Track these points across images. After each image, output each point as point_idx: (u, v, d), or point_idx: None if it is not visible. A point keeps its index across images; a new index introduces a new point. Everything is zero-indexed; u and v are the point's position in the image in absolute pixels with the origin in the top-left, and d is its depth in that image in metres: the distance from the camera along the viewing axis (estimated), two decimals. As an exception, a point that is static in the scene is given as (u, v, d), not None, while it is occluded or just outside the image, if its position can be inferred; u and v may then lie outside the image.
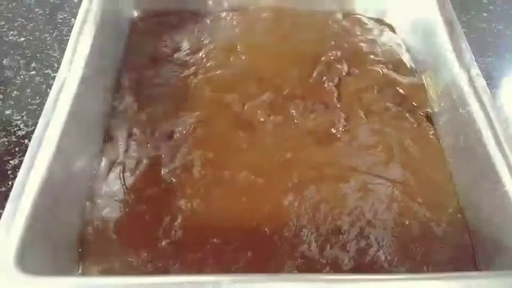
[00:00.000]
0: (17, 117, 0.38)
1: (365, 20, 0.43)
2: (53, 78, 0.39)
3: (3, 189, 0.33)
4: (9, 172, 0.34)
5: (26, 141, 0.36)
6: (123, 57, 0.39)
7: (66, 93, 0.29)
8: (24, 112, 0.38)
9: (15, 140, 0.36)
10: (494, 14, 0.49)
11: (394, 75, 0.38)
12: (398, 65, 0.39)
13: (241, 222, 0.29)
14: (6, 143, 0.36)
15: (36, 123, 0.32)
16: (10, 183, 0.33)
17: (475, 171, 0.30)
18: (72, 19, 0.46)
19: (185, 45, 0.39)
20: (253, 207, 0.30)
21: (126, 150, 0.33)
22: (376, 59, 0.39)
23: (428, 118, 0.36)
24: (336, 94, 0.36)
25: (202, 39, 0.40)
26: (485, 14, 0.48)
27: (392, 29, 0.43)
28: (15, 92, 0.40)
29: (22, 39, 0.45)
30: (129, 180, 0.31)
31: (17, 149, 0.36)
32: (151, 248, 0.28)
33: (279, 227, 0.29)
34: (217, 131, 0.34)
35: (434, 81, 0.36)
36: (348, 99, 0.36)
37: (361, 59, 0.39)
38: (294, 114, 0.35)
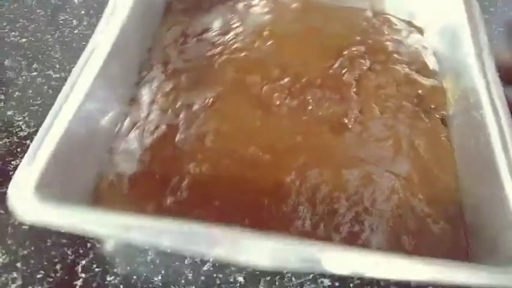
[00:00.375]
0: (19, 118, 0.38)
1: (394, 20, 0.43)
2: (55, 79, 0.41)
3: (5, 189, 0.33)
4: (11, 173, 0.35)
5: (28, 142, 0.36)
6: (155, 33, 0.41)
7: (99, 53, 0.32)
8: (26, 113, 0.39)
9: (17, 140, 0.37)
10: (495, 16, 0.49)
11: (415, 75, 0.38)
12: (421, 67, 0.39)
13: (243, 192, 0.31)
14: (8, 143, 0.37)
15: (39, 124, 0.33)
16: None
17: (480, 173, 0.31)
18: (74, 20, 0.47)
19: (215, 26, 0.41)
20: (256, 180, 0.31)
21: (148, 115, 0.35)
22: (400, 58, 0.40)
23: (443, 121, 0.36)
24: (354, 87, 0.37)
25: (232, 22, 0.42)
26: (486, 16, 0.47)
27: (421, 32, 0.43)
28: (16, 93, 0.40)
29: (23, 40, 0.45)
30: (147, 141, 0.33)
31: (18, 149, 0.36)
32: (157, 205, 0.30)
33: (278, 201, 0.30)
34: (234, 108, 0.35)
35: (454, 85, 0.36)
36: (365, 93, 0.37)
37: (385, 57, 0.39)
38: (310, 101, 0.36)
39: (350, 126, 0.35)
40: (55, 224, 0.24)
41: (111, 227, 0.24)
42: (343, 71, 0.38)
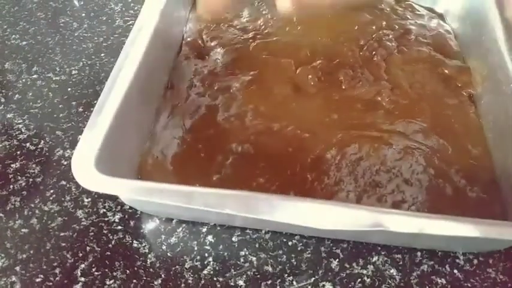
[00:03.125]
0: (19, 121, 0.38)
1: (416, 6, 0.45)
2: (55, 81, 0.41)
3: (5, 192, 0.33)
4: (10, 176, 0.34)
5: (28, 144, 0.36)
6: (188, 21, 0.42)
7: (140, 42, 0.33)
8: (26, 116, 0.38)
9: (16, 143, 0.36)
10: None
11: (440, 56, 0.40)
12: (445, 49, 0.41)
13: (286, 167, 0.32)
14: (7, 146, 0.36)
15: (38, 126, 0.35)
16: (11, 186, 0.34)
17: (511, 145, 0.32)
18: (74, 23, 0.47)
19: (245, 13, 0.43)
20: (297, 157, 0.33)
21: (187, 98, 0.36)
22: (425, 41, 0.41)
23: (471, 98, 0.37)
24: (383, 67, 0.39)
25: (261, 9, 0.43)
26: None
27: (442, 18, 0.44)
28: (17, 96, 0.40)
29: (24, 43, 0.45)
30: (188, 122, 0.35)
31: (18, 152, 0.36)
32: (203, 181, 0.31)
33: (320, 176, 0.32)
34: (270, 89, 0.37)
35: (480, 65, 0.38)
36: (395, 73, 0.38)
37: (411, 39, 0.41)
38: (343, 81, 0.37)
39: (384, 103, 0.36)
40: (118, 193, 0.26)
41: (176, 197, 0.25)
42: (373, 53, 0.40)
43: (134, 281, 0.29)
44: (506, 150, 0.33)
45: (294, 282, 0.29)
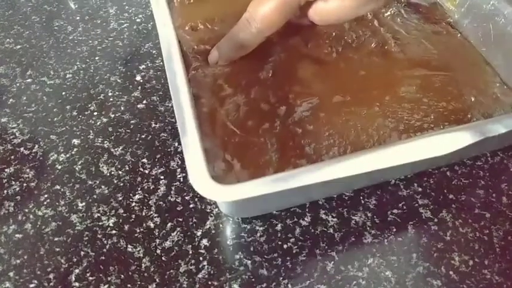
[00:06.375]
0: (13, 125, 0.38)
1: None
2: (49, 85, 0.41)
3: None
4: (4, 181, 0.34)
5: (22, 149, 0.36)
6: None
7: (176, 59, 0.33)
8: (20, 120, 0.38)
9: (10, 148, 0.36)
10: None
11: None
12: None
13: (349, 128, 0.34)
14: (1, 151, 0.36)
15: (32, 131, 0.35)
16: (5, 191, 0.34)
17: (507, 50, 0.37)
18: (69, 26, 0.47)
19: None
20: (349, 119, 0.34)
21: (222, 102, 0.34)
22: None
23: (452, 26, 0.42)
24: (375, 21, 0.42)
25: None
26: None
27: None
28: (11, 100, 0.40)
29: (18, 47, 0.45)
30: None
31: (12, 157, 0.36)
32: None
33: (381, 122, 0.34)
34: (295, 72, 0.37)
35: None
36: (386, 22, 0.42)
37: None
38: (350, 41, 0.40)
39: (393, 49, 0.39)
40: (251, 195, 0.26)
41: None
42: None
43: (129, 285, 0.29)
44: (503, 57, 0.38)
45: (289, 285, 0.29)
